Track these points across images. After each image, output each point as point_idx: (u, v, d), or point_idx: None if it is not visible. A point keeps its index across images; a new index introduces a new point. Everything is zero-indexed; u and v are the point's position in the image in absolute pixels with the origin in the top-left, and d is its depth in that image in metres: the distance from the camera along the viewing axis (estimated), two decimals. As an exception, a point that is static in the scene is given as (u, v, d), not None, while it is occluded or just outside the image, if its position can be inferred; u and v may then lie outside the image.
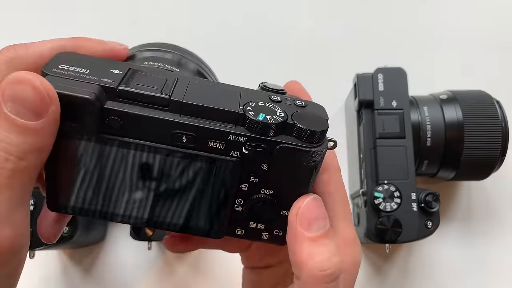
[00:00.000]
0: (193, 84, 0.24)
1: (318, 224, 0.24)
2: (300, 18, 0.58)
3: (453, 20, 0.57)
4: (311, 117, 0.25)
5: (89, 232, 0.48)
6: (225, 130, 0.23)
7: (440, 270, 0.51)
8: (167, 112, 0.23)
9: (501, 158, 0.44)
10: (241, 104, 0.24)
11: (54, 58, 0.24)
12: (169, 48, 0.32)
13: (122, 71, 0.23)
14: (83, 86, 0.22)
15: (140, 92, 0.22)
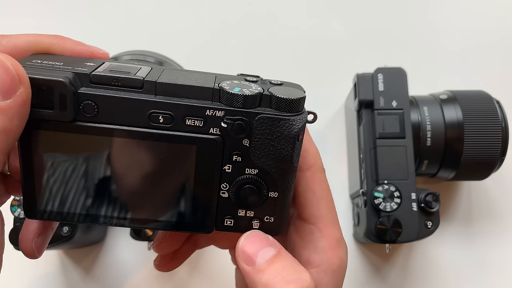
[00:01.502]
0: (167, 71, 0.24)
1: (262, 255, 0.25)
2: (300, 18, 0.58)
3: (453, 20, 0.57)
4: (288, 90, 0.24)
5: (89, 232, 0.48)
6: (202, 106, 0.23)
7: (440, 270, 0.51)
8: (141, 93, 0.22)
9: (501, 158, 0.44)
10: (216, 83, 0.23)
11: (28, 57, 0.23)
12: (151, 54, 0.32)
13: (96, 64, 0.23)
14: (56, 73, 0.22)
15: (114, 76, 0.22)
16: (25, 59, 0.23)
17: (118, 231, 0.53)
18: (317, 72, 0.56)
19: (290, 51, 0.57)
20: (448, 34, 0.57)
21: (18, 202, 0.42)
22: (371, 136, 0.45)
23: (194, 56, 0.57)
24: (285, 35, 0.57)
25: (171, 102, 0.22)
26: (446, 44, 0.57)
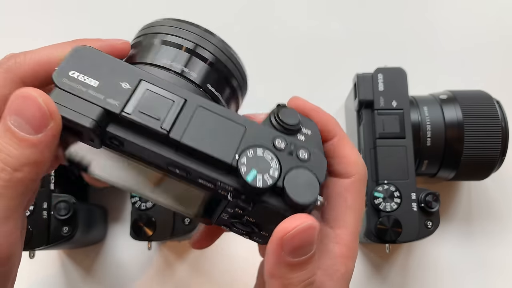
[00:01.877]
0: (198, 116, 0.24)
1: (302, 251, 0.24)
2: (300, 18, 0.58)
3: (453, 20, 0.57)
4: (304, 182, 0.24)
5: (89, 232, 0.48)
6: (215, 177, 0.24)
7: (440, 270, 0.51)
8: (164, 145, 0.24)
9: (501, 158, 0.44)
10: (239, 150, 0.24)
11: (70, 57, 0.24)
12: (185, 34, 0.29)
13: (132, 85, 0.24)
14: (86, 109, 0.23)
15: (141, 123, 0.23)
16: (65, 67, 0.24)
17: (118, 231, 0.53)
18: (317, 72, 0.56)
19: (290, 51, 0.57)
20: (448, 34, 0.57)
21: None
22: (371, 136, 0.45)
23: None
24: (285, 35, 0.57)
25: (188, 166, 0.24)
26: (446, 44, 0.57)
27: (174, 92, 0.24)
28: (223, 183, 0.24)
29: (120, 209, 0.54)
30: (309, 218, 0.24)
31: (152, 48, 0.28)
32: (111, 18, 0.59)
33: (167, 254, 0.52)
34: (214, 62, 0.29)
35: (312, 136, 0.27)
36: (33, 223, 0.42)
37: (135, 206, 0.43)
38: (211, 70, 0.28)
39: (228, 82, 0.29)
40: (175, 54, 0.28)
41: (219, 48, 0.29)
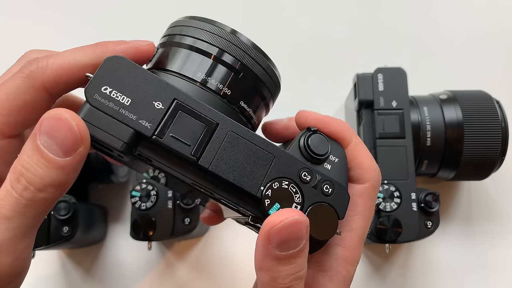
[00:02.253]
0: (228, 142, 0.25)
1: (289, 245, 0.24)
2: (300, 18, 0.58)
3: (453, 20, 0.57)
4: (323, 219, 0.25)
5: (89, 232, 0.48)
6: (237, 203, 0.25)
7: (440, 270, 0.51)
8: (192, 169, 0.24)
9: (501, 158, 0.44)
10: (265, 181, 0.25)
11: (102, 70, 0.24)
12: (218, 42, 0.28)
13: (165, 105, 0.24)
14: (117, 130, 0.23)
15: (172, 148, 0.23)
16: (96, 82, 0.23)
17: (118, 231, 0.53)
18: (317, 72, 0.56)
19: (290, 51, 0.57)
20: (448, 34, 0.57)
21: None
22: (371, 136, 0.45)
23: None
24: (285, 35, 0.57)
25: (213, 191, 0.25)
26: (446, 44, 0.57)
27: (207, 115, 0.24)
28: (245, 209, 0.25)
29: (120, 209, 0.54)
30: (297, 212, 0.24)
31: (183, 55, 0.27)
32: (116, 15, 0.59)
33: (167, 254, 0.52)
34: (248, 77, 0.28)
35: (338, 164, 0.27)
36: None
37: (135, 206, 0.43)
38: (245, 86, 0.28)
39: (261, 94, 0.29)
40: (208, 66, 0.27)
41: (258, 63, 0.28)
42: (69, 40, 0.58)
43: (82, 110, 0.23)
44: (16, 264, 0.22)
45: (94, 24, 0.59)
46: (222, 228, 0.53)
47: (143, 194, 0.43)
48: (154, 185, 0.43)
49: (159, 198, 0.43)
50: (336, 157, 0.27)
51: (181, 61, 0.27)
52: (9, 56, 0.26)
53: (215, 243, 0.52)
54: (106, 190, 0.54)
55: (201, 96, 0.26)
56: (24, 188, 0.21)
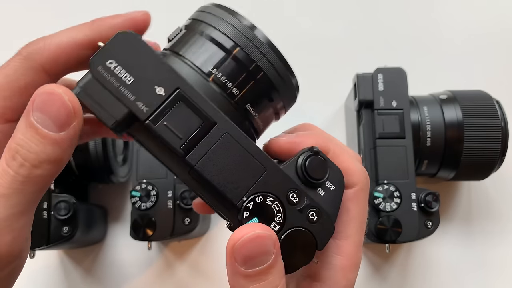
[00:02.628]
0: (221, 143, 0.23)
1: (256, 261, 0.23)
2: (300, 18, 0.58)
3: (453, 20, 0.57)
4: (300, 245, 0.24)
5: (89, 232, 0.48)
6: (217, 206, 0.24)
7: (440, 270, 0.51)
8: (179, 162, 0.23)
9: (501, 158, 0.44)
10: (250, 193, 0.24)
11: (111, 43, 0.23)
12: (237, 37, 0.26)
13: (166, 92, 0.23)
14: (113, 107, 0.22)
15: (163, 138, 0.23)
16: (104, 53, 0.23)
17: (118, 231, 0.53)
18: (317, 72, 0.56)
19: (290, 51, 0.57)
20: (448, 34, 0.57)
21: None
22: (371, 136, 0.45)
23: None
24: (285, 34, 0.57)
25: (195, 188, 0.24)
26: (446, 44, 0.57)
27: (207, 112, 0.23)
28: (223, 215, 0.24)
29: (120, 209, 0.54)
30: (260, 226, 0.23)
31: (198, 44, 0.26)
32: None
33: (167, 254, 0.52)
34: (262, 80, 0.26)
35: (333, 193, 0.25)
36: (33, 223, 0.42)
37: (135, 206, 0.43)
38: (257, 89, 0.26)
39: (272, 102, 0.27)
40: (220, 60, 0.25)
41: (273, 66, 0.26)
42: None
43: (83, 79, 0.23)
44: (16, 243, 0.22)
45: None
46: (222, 228, 0.53)
47: (143, 194, 0.43)
48: (154, 185, 0.43)
49: (159, 198, 0.43)
50: (333, 184, 0.25)
51: (195, 50, 0.26)
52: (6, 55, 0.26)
53: (215, 243, 0.52)
54: (106, 190, 0.54)
55: (206, 90, 0.25)
56: (19, 165, 0.21)
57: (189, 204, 0.43)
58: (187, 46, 0.26)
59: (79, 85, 0.23)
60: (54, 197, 0.43)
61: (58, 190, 0.44)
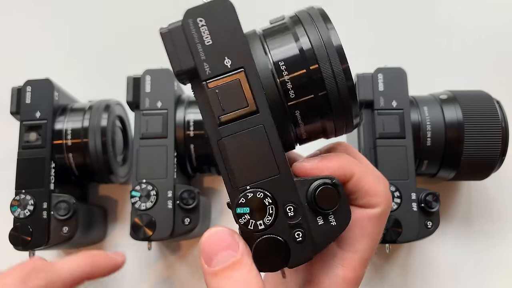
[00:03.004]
0: (252, 132, 0.25)
1: (220, 258, 0.24)
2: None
3: (452, 20, 0.57)
4: (273, 254, 0.25)
5: (89, 232, 0.48)
6: (224, 181, 0.26)
7: (440, 270, 0.51)
8: (213, 128, 0.26)
9: (501, 158, 0.44)
10: (255, 185, 0.25)
11: (210, 3, 0.25)
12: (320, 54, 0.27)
13: (231, 67, 0.25)
14: (184, 57, 0.25)
15: (209, 102, 0.25)
16: (197, 11, 0.26)
17: (118, 231, 0.53)
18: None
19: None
20: (448, 34, 0.57)
21: (18, 202, 0.42)
22: (371, 136, 0.45)
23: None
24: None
25: (215, 155, 0.26)
26: (446, 44, 0.57)
27: (256, 100, 0.25)
28: (227, 190, 0.26)
29: (120, 209, 0.54)
30: (222, 226, 0.25)
31: (285, 38, 0.27)
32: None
33: (167, 254, 0.52)
34: (322, 98, 0.26)
35: (332, 228, 0.26)
36: (33, 223, 0.42)
37: (135, 206, 0.43)
38: (313, 103, 0.26)
39: (323, 118, 0.27)
40: (294, 63, 0.26)
41: (339, 91, 0.26)
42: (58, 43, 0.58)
43: (174, 24, 0.26)
44: None
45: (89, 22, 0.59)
46: (222, 228, 0.53)
47: (143, 194, 0.43)
48: (154, 185, 0.43)
49: (159, 198, 0.43)
50: (335, 221, 0.26)
51: (279, 43, 0.27)
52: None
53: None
54: (106, 190, 0.54)
55: (267, 80, 0.26)
56: None
57: (189, 204, 0.43)
58: (275, 36, 0.27)
59: (168, 27, 0.26)
60: (54, 197, 0.43)
61: (58, 190, 0.44)
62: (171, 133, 0.45)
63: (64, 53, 0.58)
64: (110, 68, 0.57)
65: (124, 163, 0.51)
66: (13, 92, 0.45)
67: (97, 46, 0.58)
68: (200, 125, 0.46)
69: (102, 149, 0.46)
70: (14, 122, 0.46)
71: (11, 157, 0.45)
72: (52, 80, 0.46)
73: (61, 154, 0.45)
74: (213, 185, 0.54)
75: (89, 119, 0.46)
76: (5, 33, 0.59)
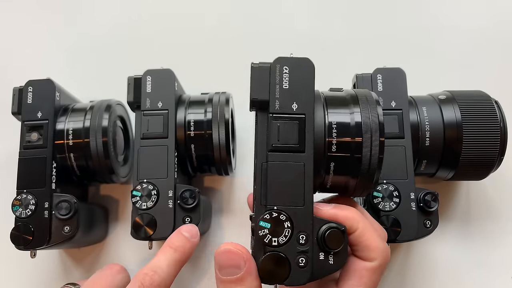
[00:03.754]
0: (294, 166, 0.30)
1: (228, 271, 0.30)
2: (299, 18, 0.58)
3: (452, 20, 0.57)
4: (276, 269, 0.30)
5: (90, 232, 0.48)
6: (254, 196, 0.31)
7: (439, 269, 0.51)
8: (262, 151, 0.31)
9: (500, 158, 0.45)
10: (280, 208, 0.30)
11: (297, 60, 0.32)
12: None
13: (296, 111, 0.31)
14: (263, 89, 0.32)
15: (268, 129, 0.31)
16: (286, 61, 0.32)
17: (119, 230, 0.53)
18: (317, 72, 0.56)
19: (289, 51, 0.57)
20: (447, 35, 0.57)
21: (20, 202, 0.43)
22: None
23: (190, 55, 0.57)
24: (284, 35, 0.58)
25: (255, 174, 0.32)
26: (444, 45, 0.57)
27: (305, 141, 0.31)
28: (254, 205, 0.31)
29: (121, 208, 0.54)
30: (236, 245, 0.31)
31: (343, 107, 0.33)
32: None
33: (167, 254, 0.53)
34: (355, 159, 0.32)
35: (328, 265, 0.30)
36: (35, 222, 0.42)
37: (135, 206, 0.43)
38: (347, 159, 0.32)
39: (349, 175, 0.33)
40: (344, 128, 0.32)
41: (370, 160, 0.32)
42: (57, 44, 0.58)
43: (265, 63, 0.32)
44: None
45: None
46: (223, 228, 0.53)
47: (143, 194, 0.43)
48: (154, 185, 0.43)
49: (160, 197, 0.43)
50: (333, 261, 0.31)
51: (338, 108, 0.33)
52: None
53: (216, 242, 0.53)
54: (107, 190, 0.54)
55: (318, 130, 0.31)
56: None
57: (189, 203, 0.44)
58: (337, 103, 0.34)
59: (259, 63, 0.32)
60: (55, 196, 0.43)
61: (59, 190, 0.45)
62: (171, 133, 0.45)
63: (65, 53, 0.58)
64: (111, 68, 0.57)
65: (125, 163, 0.52)
66: (14, 92, 0.46)
67: (98, 47, 0.58)
68: (200, 125, 0.46)
69: (103, 149, 0.46)
70: (15, 122, 0.46)
71: (13, 157, 0.45)
72: (53, 80, 0.46)
73: (62, 154, 0.46)
74: (213, 185, 0.54)
75: (90, 119, 0.46)
76: (6, 33, 0.59)
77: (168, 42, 0.57)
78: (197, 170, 0.49)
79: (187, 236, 0.39)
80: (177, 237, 0.39)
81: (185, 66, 0.55)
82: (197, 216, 0.44)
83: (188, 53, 0.57)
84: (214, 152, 0.46)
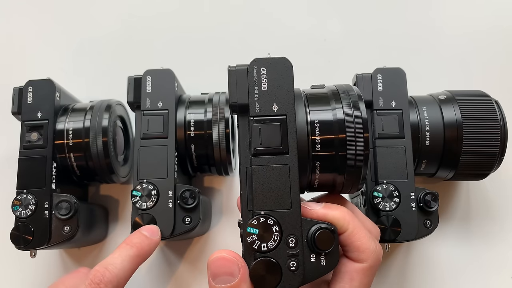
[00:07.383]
0: (279, 169, 0.30)
1: (222, 278, 0.30)
2: (300, 18, 0.58)
3: (452, 20, 0.57)
4: (268, 274, 0.29)
5: (90, 232, 0.48)
6: (242, 202, 0.31)
7: (439, 269, 0.51)
8: (246, 155, 0.30)
9: (500, 158, 0.45)
10: (268, 213, 0.29)
11: (275, 60, 0.31)
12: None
13: (277, 112, 0.30)
14: (242, 93, 0.31)
15: (250, 133, 0.30)
16: (262, 61, 0.31)
17: (119, 230, 0.53)
18: (317, 72, 0.57)
19: (289, 51, 0.57)
20: (447, 35, 0.57)
21: (20, 202, 0.43)
22: (370, 136, 0.45)
23: (190, 55, 0.57)
24: (284, 35, 0.58)
25: (241, 175, 0.31)
26: (445, 45, 0.57)
27: (289, 143, 0.30)
28: (241, 211, 0.30)
29: (121, 208, 0.54)
30: (229, 252, 0.30)
31: (325, 105, 0.33)
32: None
33: (167, 254, 0.53)
34: (341, 156, 0.31)
35: (320, 266, 0.30)
36: (35, 222, 0.42)
37: (135, 206, 0.43)
38: (332, 158, 0.31)
39: (335, 172, 0.32)
40: (326, 124, 0.31)
41: (355, 156, 0.31)
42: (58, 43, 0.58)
43: (241, 66, 0.31)
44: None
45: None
46: (223, 228, 0.53)
47: (143, 194, 0.43)
48: (154, 185, 0.43)
49: (160, 197, 0.43)
50: (325, 262, 0.30)
51: (320, 106, 0.32)
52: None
53: (216, 242, 0.53)
54: (107, 190, 0.54)
55: (301, 130, 0.31)
56: None
57: (189, 203, 0.44)
58: (319, 100, 0.33)
59: (236, 66, 0.31)
60: (55, 196, 0.43)
61: (59, 190, 0.45)
62: (171, 133, 0.45)
63: (65, 53, 0.58)
64: (111, 68, 0.57)
65: (125, 163, 0.52)
66: (14, 92, 0.46)
67: (98, 47, 0.58)
68: (200, 125, 0.46)
69: (103, 149, 0.46)
70: (15, 122, 0.46)
71: (13, 157, 0.45)
72: (53, 80, 0.46)
73: (62, 154, 0.46)
74: (213, 185, 0.54)
75: (90, 119, 0.46)
76: (6, 33, 0.59)
77: (168, 42, 0.57)
78: (197, 170, 0.49)
79: (145, 234, 0.39)
80: (134, 235, 0.40)
81: (185, 66, 0.55)
82: (197, 216, 0.44)
83: (188, 53, 0.57)
84: (214, 152, 0.46)
